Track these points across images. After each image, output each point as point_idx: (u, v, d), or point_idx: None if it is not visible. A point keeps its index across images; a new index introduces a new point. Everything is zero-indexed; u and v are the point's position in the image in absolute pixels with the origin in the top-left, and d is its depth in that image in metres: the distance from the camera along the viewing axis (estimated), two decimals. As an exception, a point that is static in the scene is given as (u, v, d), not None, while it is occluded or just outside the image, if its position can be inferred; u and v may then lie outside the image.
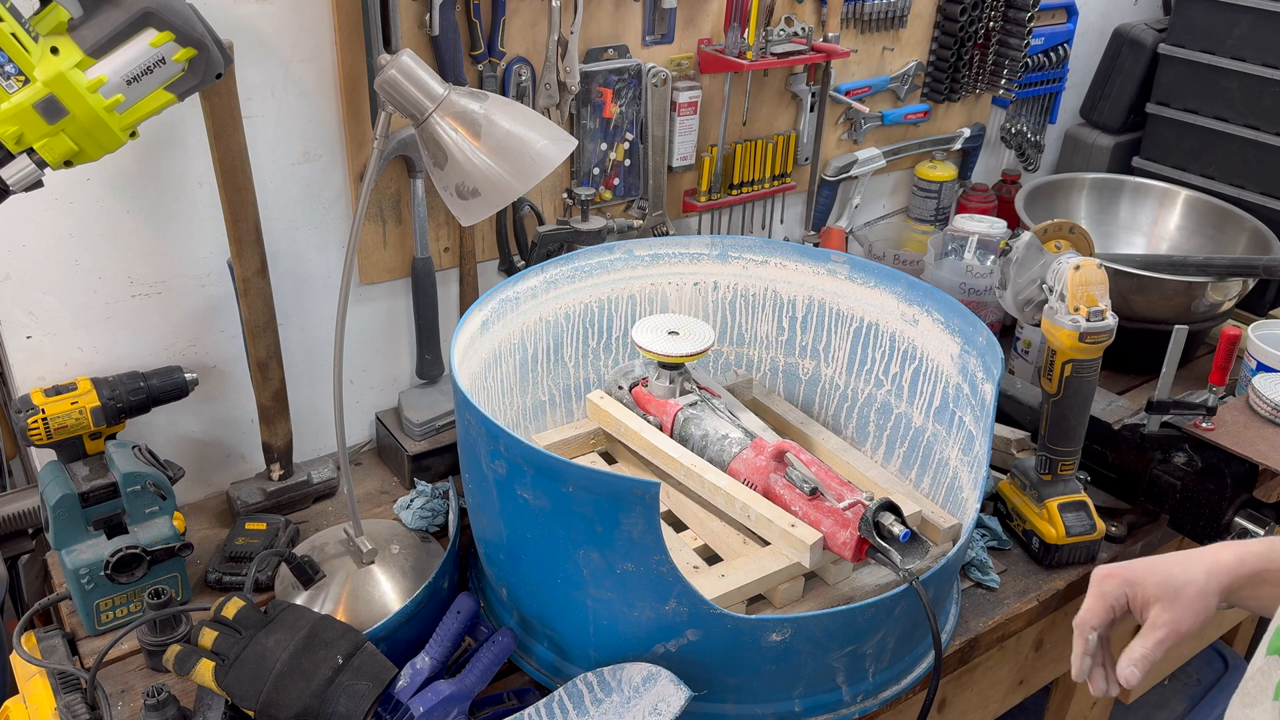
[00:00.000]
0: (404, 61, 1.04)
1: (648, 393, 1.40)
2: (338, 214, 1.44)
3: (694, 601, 1.05)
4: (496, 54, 1.45)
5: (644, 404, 1.39)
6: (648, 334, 1.37)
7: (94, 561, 1.18)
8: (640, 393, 1.41)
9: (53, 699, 1.13)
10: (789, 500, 1.23)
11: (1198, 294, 1.72)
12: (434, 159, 1.08)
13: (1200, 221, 2.05)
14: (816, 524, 1.19)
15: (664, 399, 1.38)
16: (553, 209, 1.62)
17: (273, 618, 1.07)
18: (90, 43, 0.90)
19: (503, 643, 1.14)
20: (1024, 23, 1.98)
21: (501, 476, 1.09)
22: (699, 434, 1.34)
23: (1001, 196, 2.11)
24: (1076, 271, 1.32)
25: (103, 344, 1.34)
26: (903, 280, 1.43)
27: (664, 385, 1.38)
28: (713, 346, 1.38)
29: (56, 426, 1.25)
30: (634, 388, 1.42)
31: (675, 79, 1.65)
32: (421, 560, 1.30)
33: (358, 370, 1.56)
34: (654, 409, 1.38)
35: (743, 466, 1.28)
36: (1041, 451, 1.40)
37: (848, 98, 1.89)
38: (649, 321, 1.39)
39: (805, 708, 1.14)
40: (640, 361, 1.45)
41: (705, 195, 1.77)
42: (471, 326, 1.29)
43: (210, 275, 1.38)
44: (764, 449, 1.28)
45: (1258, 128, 2.04)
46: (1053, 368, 1.35)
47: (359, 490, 1.52)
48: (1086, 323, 1.31)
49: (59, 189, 1.23)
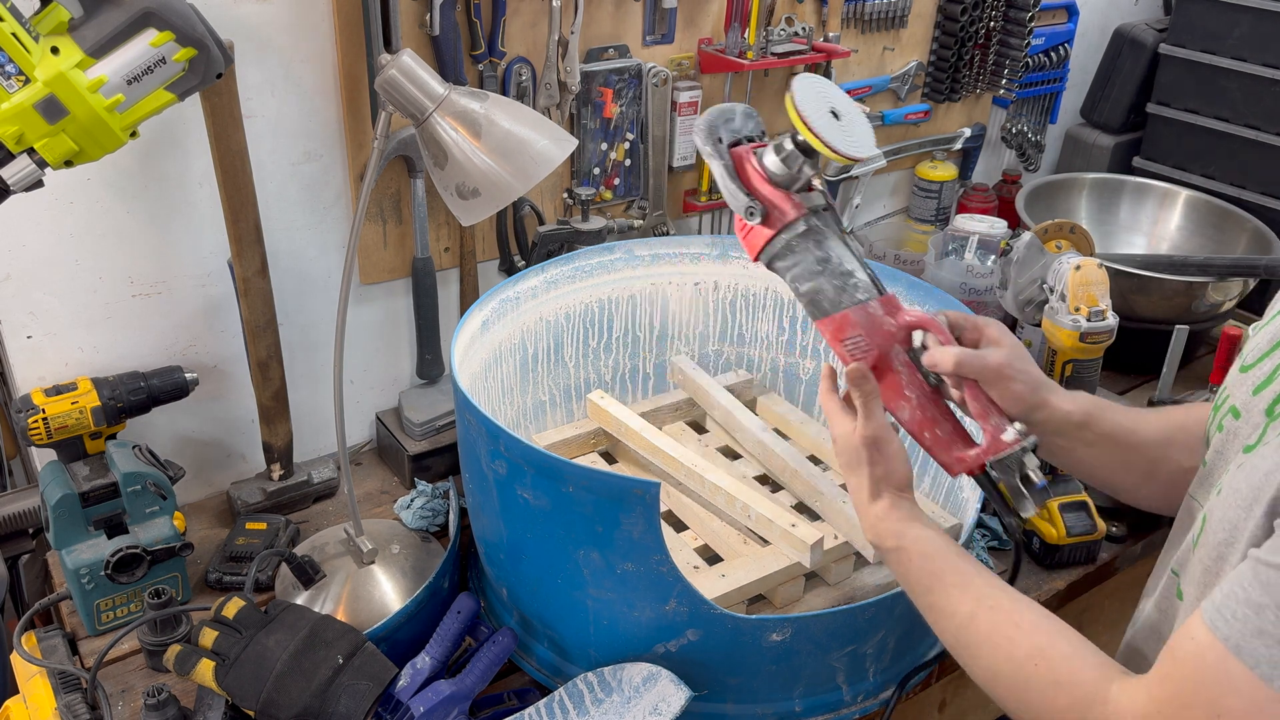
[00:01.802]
0: (404, 61, 1.04)
1: (758, 166, 1.00)
2: (338, 214, 1.44)
3: (694, 601, 1.05)
4: (497, 54, 1.45)
5: (749, 178, 1.00)
6: (810, 100, 0.95)
7: (94, 561, 1.19)
8: (746, 160, 1.01)
9: (53, 699, 1.13)
10: (903, 384, 1.00)
11: (1198, 294, 1.72)
12: (434, 159, 1.08)
13: (1201, 221, 2.05)
14: (925, 425, 0.99)
15: (782, 187, 1.00)
16: (553, 209, 1.62)
17: (273, 618, 1.07)
18: (91, 43, 0.90)
19: (503, 643, 1.14)
20: (1024, 23, 1.98)
21: (502, 476, 1.09)
22: (816, 256, 0.99)
23: (1002, 196, 2.11)
24: (1077, 271, 1.32)
25: (103, 344, 1.34)
26: (903, 280, 1.43)
27: (783, 169, 0.98)
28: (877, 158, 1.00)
29: (57, 426, 1.25)
30: (736, 145, 1.02)
31: (676, 79, 1.65)
32: (422, 560, 1.30)
33: (358, 370, 1.56)
34: (764, 192, 1.00)
35: (861, 319, 0.99)
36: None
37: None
38: (808, 84, 0.97)
39: (805, 707, 1.14)
40: (744, 112, 1.04)
41: (705, 195, 1.77)
42: (472, 326, 1.29)
43: (210, 275, 1.38)
44: (897, 311, 1.01)
45: (1258, 128, 2.04)
46: (1053, 368, 1.36)
47: (359, 490, 1.52)
48: (1087, 323, 1.31)
49: (59, 189, 1.23)
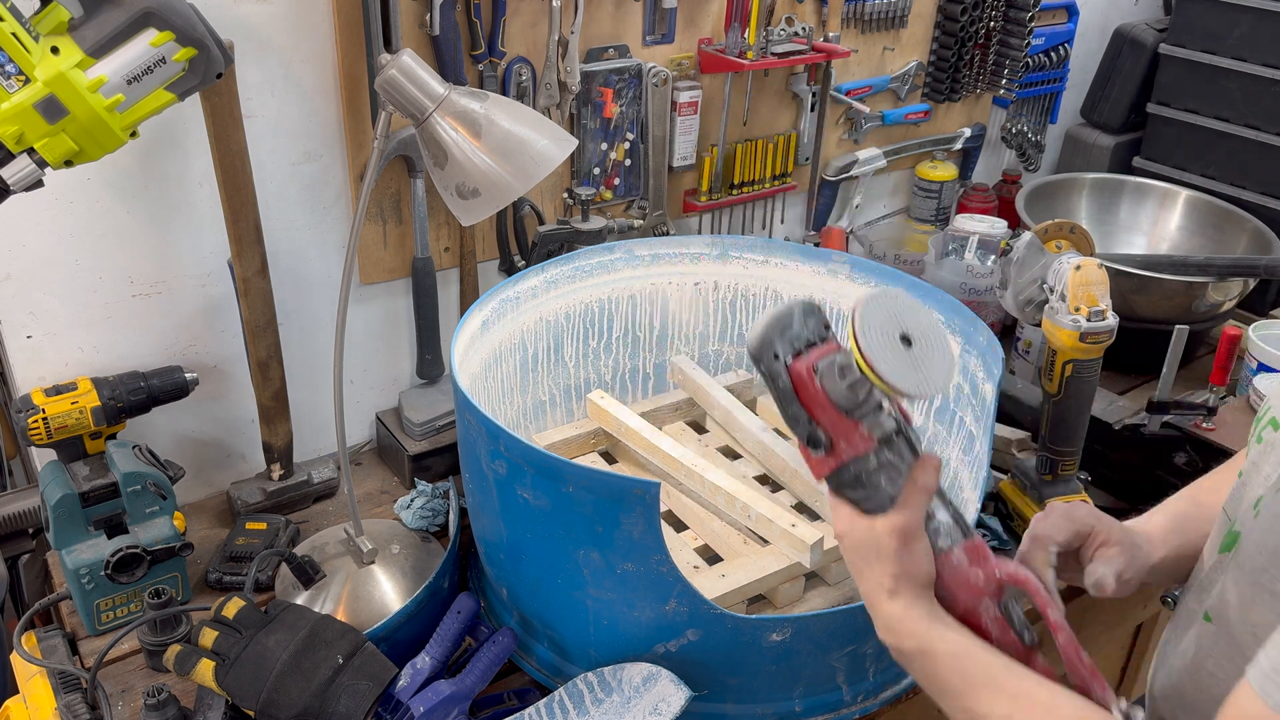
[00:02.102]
0: (404, 61, 1.04)
1: (820, 387, 0.82)
2: (338, 214, 1.44)
3: (694, 601, 1.05)
4: (497, 54, 1.45)
5: (810, 401, 0.83)
6: (875, 324, 0.81)
7: (94, 561, 1.18)
8: (809, 380, 0.83)
9: (53, 699, 1.13)
10: (995, 636, 0.87)
11: (1198, 294, 1.72)
12: (434, 159, 1.08)
13: (1201, 221, 2.05)
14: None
15: (848, 413, 0.83)
16: (553, 209, 1.62)
17: (273, 618, 1.07)
18: (91, 42, 0.90)
19: (503, 643, 1.14)
20: (1024, 23, 1.98)
21: (502, 476, 1.09)
22: (888, 494, 0.84)
23: (1002, 196, 2.11)
24: (1077, 271, 1.32)
25: (103, 344, 1.34)
26: (903, 280, 1.43)
27: (849, 395, 0.82)
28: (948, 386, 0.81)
29: (57, 426, 1.25)
30: (797, 358, 0.83)
31: (676, 79, 1.65)
32: (422, 560, 1.30)
33: (358, 370, 1.56)
34: (827, 420, 0.83)
35: (944, 569, 0.86)
36: (1042, 452, 1.40)
37: (848, 98, 1.89)
38: (878, 304, 0.82)
39: (805, 707, 1.14)
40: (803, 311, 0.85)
41: (705, 195, 1.77)
42: (472, 326, 1.29)
43: (210, 275, 1.38)
44: (985, 560, 0.87)
45: (1258, 128, 2.04)
46: (1053, 368, 1.35)
47: (359, 490, 1.52)
48: (1087, 323, 1.31)
49: (59, 189, 1.23)
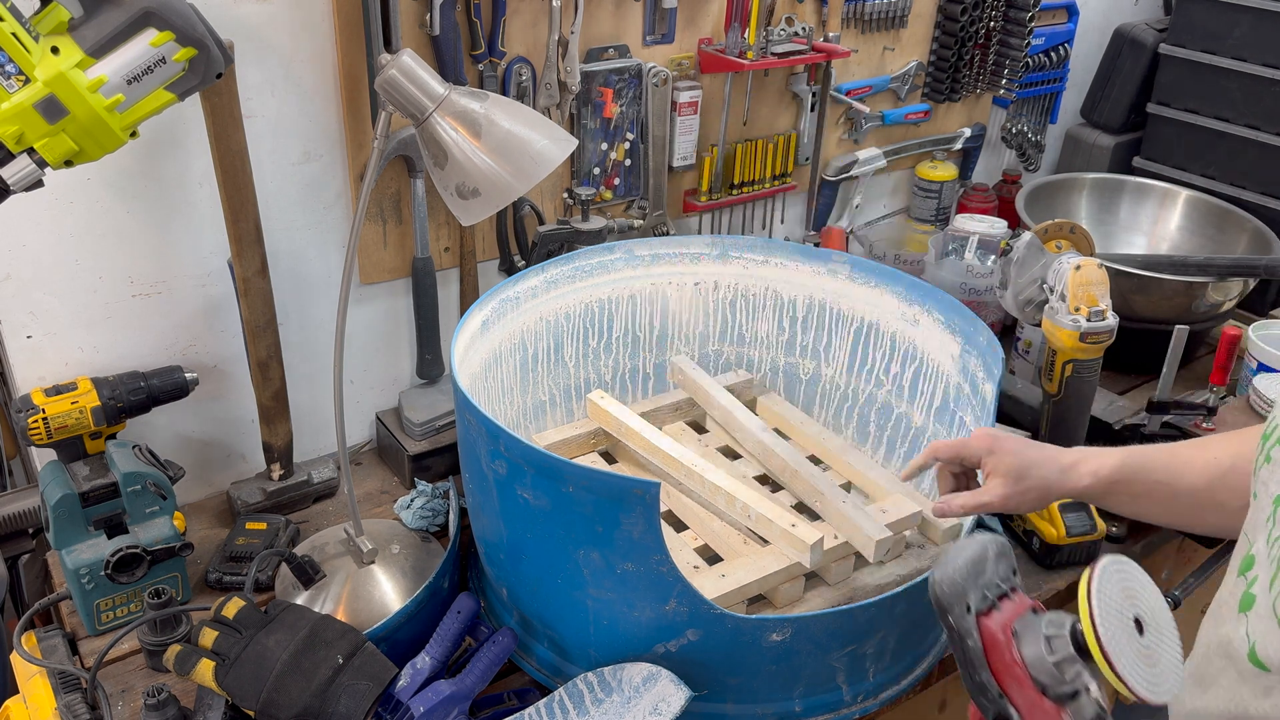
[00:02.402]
0: (404, 61, 1.04)
1: (1018, 657, 0.79)
2: (338, 214, 1.44)
3: (694, 601, 1.05)
4: (497, 54, 1.45)
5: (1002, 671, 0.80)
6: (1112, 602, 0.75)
7: (94, 561, 1.18)
8: (1005, 646, 0.80)
9: (53, 699, 1.13)
10: None
11: (1198, 294, 1.72)
12: (434, 159, 1.08)
13: (1201, 221, 2.05)
14: None
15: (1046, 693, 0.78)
16: (553, 209, 1.62)
17: (273, 618, 1.07)
18: (91, 42, 0.90)
19: (503, 643, 1.14)
20: (1024, 23, 1.98)
21: (501, 476, 1.09)
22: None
23: (1002, 196, 2.11)
24: (1077, 271, 1.32)
25: (103, 344, 1.34)
26: (903, 280, 1.43)
27: (1054, 674, 0.78)
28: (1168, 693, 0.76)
29: (57, 426, 1.25)
30: (988, 613, 0.81)
31: (676, 79, 1.65)
32: (422, 560, 1.30)
33: (358, 370, 1.56)
34: (1022, 700, 0.79)
35: None
36: (1042, 451, 1.40)
37: (848, 98, 1.89)
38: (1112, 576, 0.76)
39: (805, 708, 1.14)
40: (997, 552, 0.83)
41: (706, 195, 1.77)
42: (472, 326, 1.29)
43: (210, 275, 1.38)
44: None
45: (1258, 128, 2.04)
46: (1053, 368, 1.36)
47: (359, 490, 1.52)
48: (1087, 323, 1.31)
49: (59, 189, 1.23)
